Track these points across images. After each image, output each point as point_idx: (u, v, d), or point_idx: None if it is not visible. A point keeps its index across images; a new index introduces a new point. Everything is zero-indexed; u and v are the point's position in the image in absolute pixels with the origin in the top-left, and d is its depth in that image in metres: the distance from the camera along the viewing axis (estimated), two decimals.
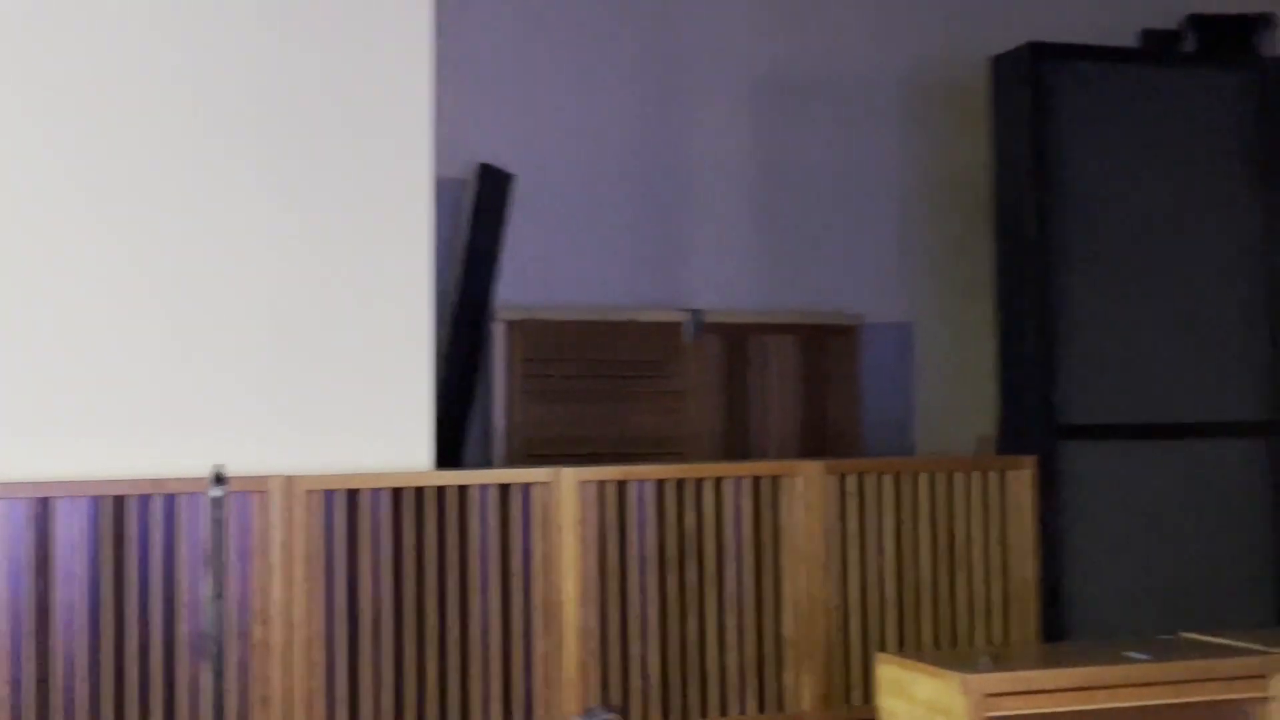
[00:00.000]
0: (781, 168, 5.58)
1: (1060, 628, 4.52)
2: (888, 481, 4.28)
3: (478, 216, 5.23)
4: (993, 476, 4.39)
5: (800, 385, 5.31)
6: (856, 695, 4.17)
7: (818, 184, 5.62)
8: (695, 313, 5.23)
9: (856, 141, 5.66)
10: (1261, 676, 3.49)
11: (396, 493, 3.82)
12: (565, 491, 3.94)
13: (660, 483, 4.05)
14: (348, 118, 3.94)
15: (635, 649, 4.00)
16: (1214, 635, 3.87)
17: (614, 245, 5.45)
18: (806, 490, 4.18)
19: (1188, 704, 3.43)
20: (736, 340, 5.25)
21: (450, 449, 4.89)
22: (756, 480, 4.17)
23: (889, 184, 5.71)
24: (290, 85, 3.89)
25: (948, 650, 4.24)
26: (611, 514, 3.99)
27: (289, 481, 3.72)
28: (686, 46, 5.50)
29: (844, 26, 5.68)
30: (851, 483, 4.24)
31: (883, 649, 4.17)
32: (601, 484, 3.99)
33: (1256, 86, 4.85)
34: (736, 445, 5.22)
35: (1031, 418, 4.59)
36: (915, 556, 4.30)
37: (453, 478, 3.92)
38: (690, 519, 4.08)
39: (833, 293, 5.55)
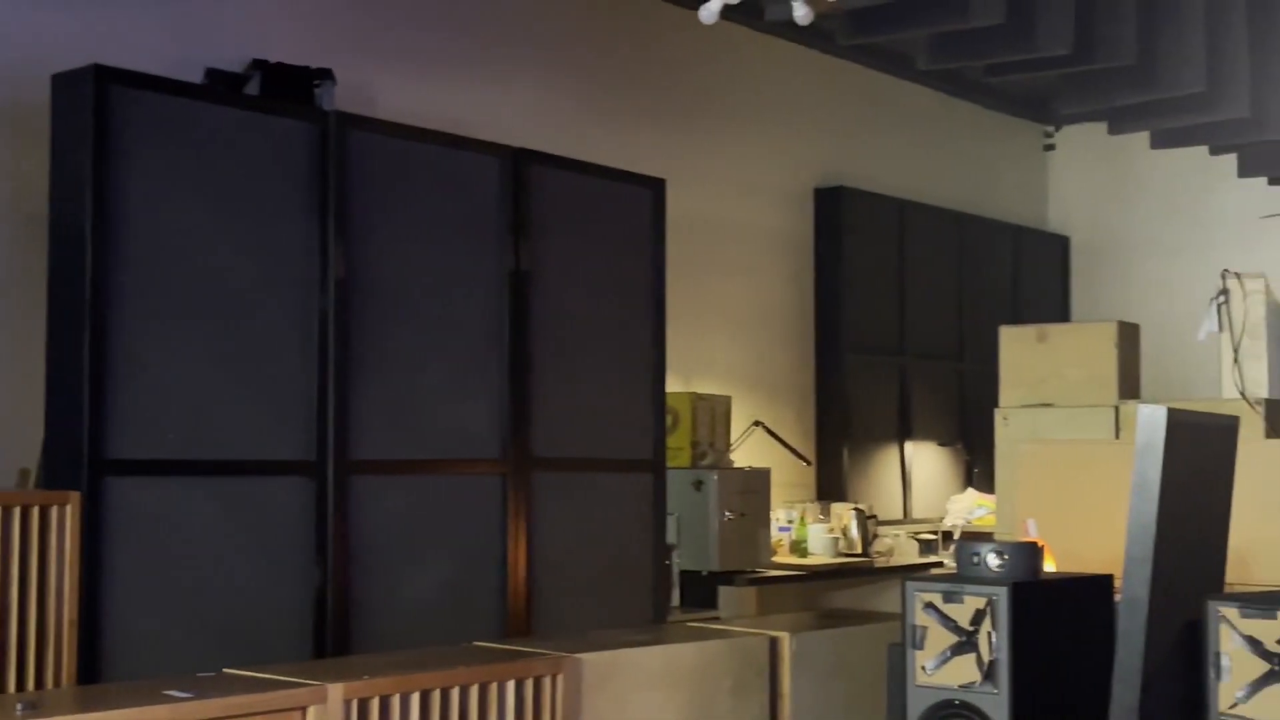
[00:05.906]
0: None
1: (100, 670, 4.37)
2: None
3: None
4: (34, 512, 4.17)
5: None
6: None
7: None
8: None
9: None
10: (302, 708, 3.64)
11: None
12: None
13: None
14: None
15: None
16: (258, 670, 3.95)
17: None
18: None
19: None
20: None
21: None
22: None
23: None
24: None
25: None
26: None
27: None
28: None
29: None
30: None
31: None
32: None
33: (317, 135, 5.04)
34: None
35: (76, 451, 4.42)
36: None
37: None
38: None
39: None
